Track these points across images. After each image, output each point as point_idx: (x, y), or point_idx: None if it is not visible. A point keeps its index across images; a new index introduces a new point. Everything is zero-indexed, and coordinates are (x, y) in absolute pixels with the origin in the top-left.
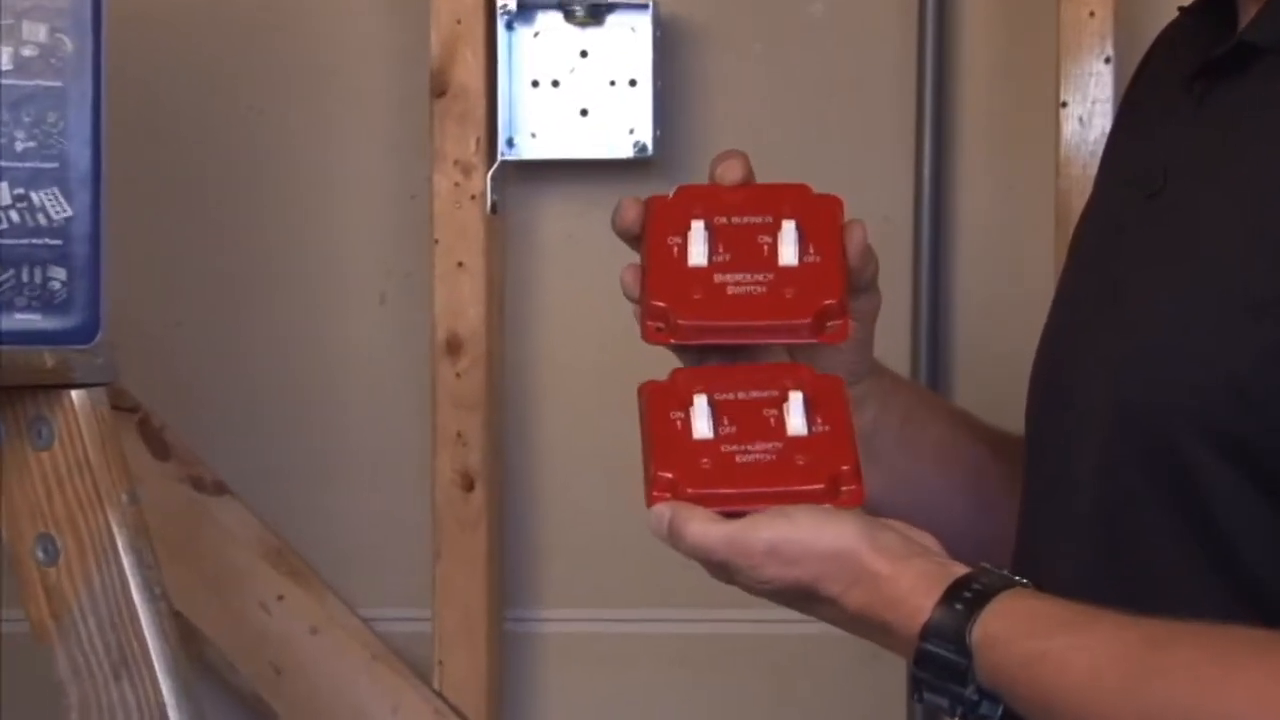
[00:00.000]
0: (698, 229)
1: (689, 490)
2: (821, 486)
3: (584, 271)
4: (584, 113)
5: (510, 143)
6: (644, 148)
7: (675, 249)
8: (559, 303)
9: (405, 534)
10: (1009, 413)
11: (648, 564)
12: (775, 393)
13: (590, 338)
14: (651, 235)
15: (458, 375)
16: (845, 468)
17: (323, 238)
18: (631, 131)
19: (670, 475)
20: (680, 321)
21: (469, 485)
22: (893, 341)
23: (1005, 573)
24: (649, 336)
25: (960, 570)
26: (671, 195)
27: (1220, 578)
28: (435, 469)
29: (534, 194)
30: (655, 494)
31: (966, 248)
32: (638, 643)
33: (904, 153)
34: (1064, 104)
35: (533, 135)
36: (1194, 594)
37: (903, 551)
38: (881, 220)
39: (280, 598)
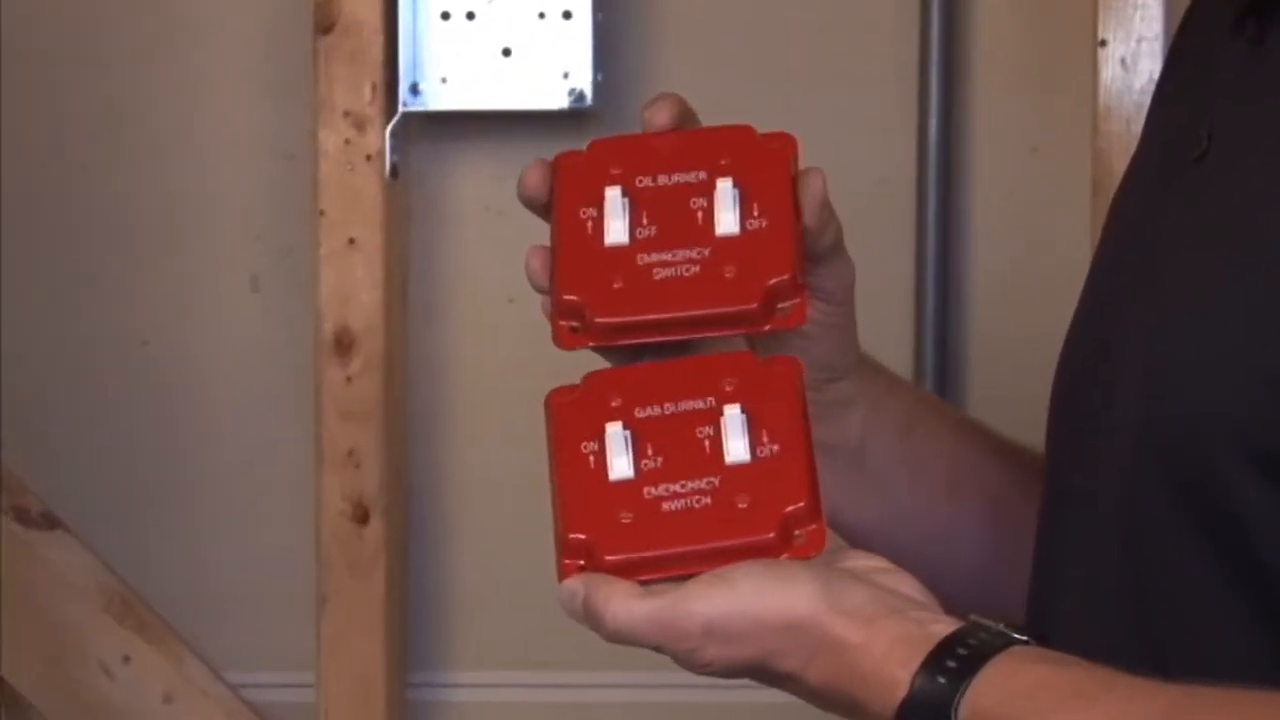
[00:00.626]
0: (613, 197)
1: (607, 558)
2: (771, 535)
3: (506, 251)
4: (506, 52)
5: (414, 90)
6: (581, 96)
7: (589, 224)
8: (475, 289)
9: (283, 578)
10: (1036, 422)
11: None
12: (709, 402)
13: (514, 332)
14: (560, 207)
15: (348, 379)
16: (800, 504)
17: (182, 209)
18: (566, 76)
19: (583, 537)
20: (598, 319)
21: (362, 517)
22: (890, 333)
23: (1001, 627)
24: (561, 340)
25: (945, 628)
26: (585, 151)
27: (1256, 611)
28: (320, 496)
29: (444, 154)
30: (566, 563)
31: (982, 218)
32: (573, 714)
33: (905, 100)
34: (1103, 42)
35: (443, 81)
36: (1227, 631)
37: (873, 610)
38: (878, 182)
39: (126, 659)
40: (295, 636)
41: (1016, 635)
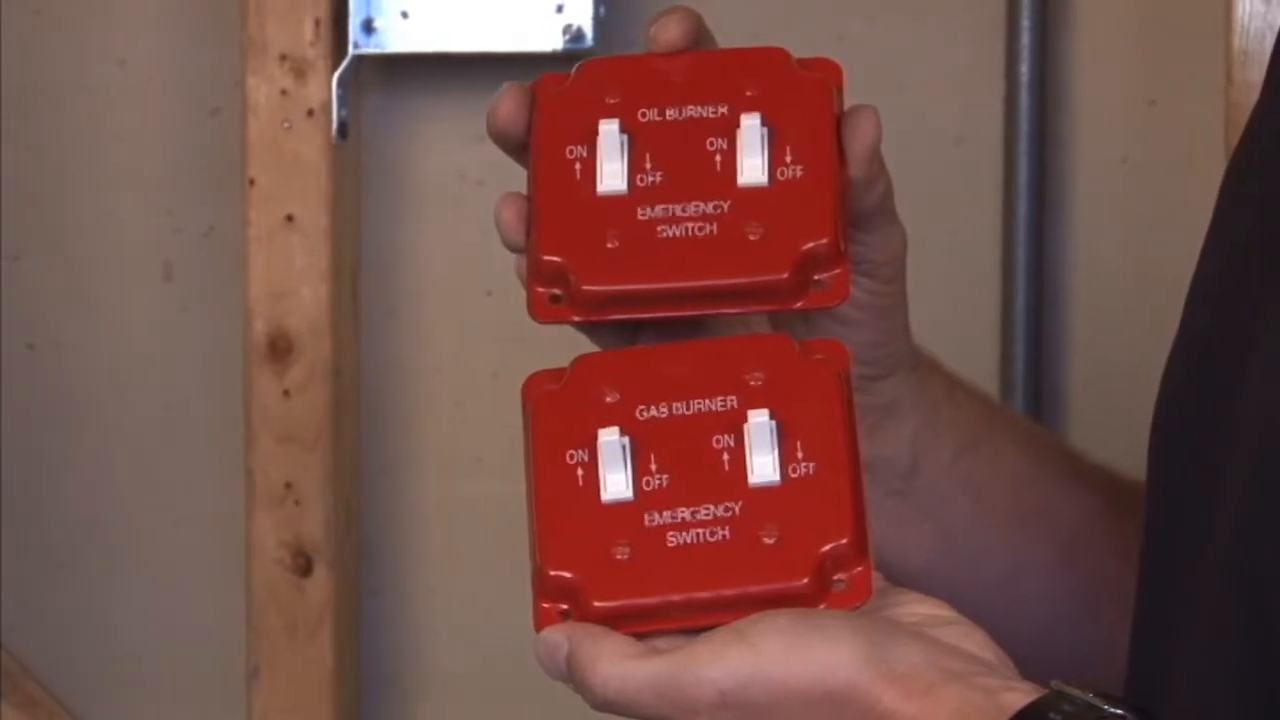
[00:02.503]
0: (609, 133)
1: (596, 604)
2: (805, 581)
3: (484, 231)
4: None
5: (368, 27)
6: (579, 34)
7: (577, 166)
8: (445, 280)
9: (204, 644)
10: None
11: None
12: (730, 401)
13: (493, 334)
14: (540, 144)
15: (286, 393)
16: (842, 541)
17: (75, 178)
18: (560, 9)
19: (569, 575)
20: (586, 287)
21: (304, 567)
22: (969, 334)
23: (1091, 697)
24: (537, 311)
25: (1019, 698)
26: (572, 75)
27: None
28: (251, 540)
29: (406, 108)
30: (544, 608)
31: (1086, 188)
32: None
33: (989, 38)
34: None
35: (403, 15)
36: None
37: (930, 675)
38: (953, 143)
39: None
40: (221, 715)
41: (1111, 709)
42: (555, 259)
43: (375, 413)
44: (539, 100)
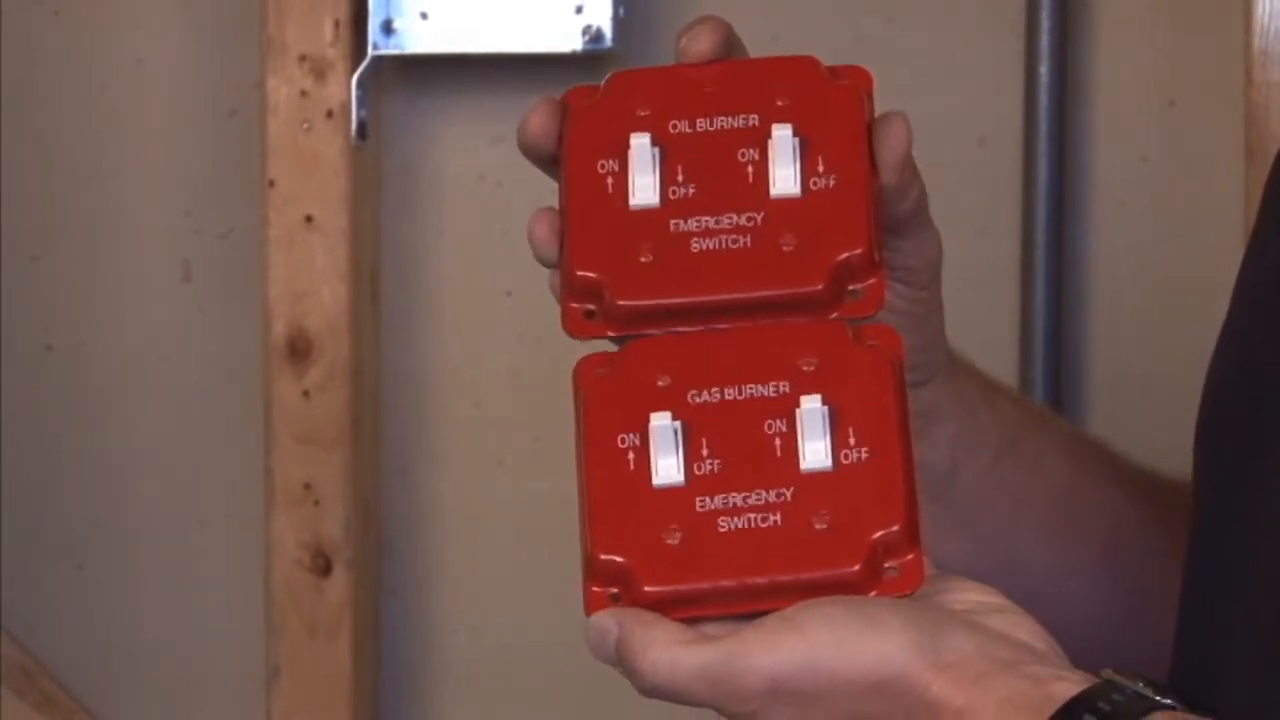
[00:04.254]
0: (640, 146)
1: (647, 588)
2: (856, 568)
3: (504, 232)
4: None
5: (388, 28)
6: (599, 35)
7: (609, 180)
8: (465, 281)
9: (225, 644)
10: (1174, 447)
11: (606, 694)
12: (782, 387)
13: (513, 334)
14: (571, 158)
15: (305, 394)
16: (894, 528)
17: (94, 178)
18: (579, 10)
19: (619, 560)
20: (621, 302)
21: (324, 567)
22: (989, 334)
23: (1140, 686)
24: (572, 326)
25: (1070, 687)
26: (602, 88)
27: None
28: (271, 541)
29: (426, 109)
30: (594, 591)
31: (1105, 189)
32: None
33: (1009, 39)
34: None
35: (423, 16)
36: None
37: (981, 664)
38: (974, 144)
39: None
40: (240, 716)
41: (1161, 699)
42: (589, 274)
43: (394, 413)
44: (569, 113)
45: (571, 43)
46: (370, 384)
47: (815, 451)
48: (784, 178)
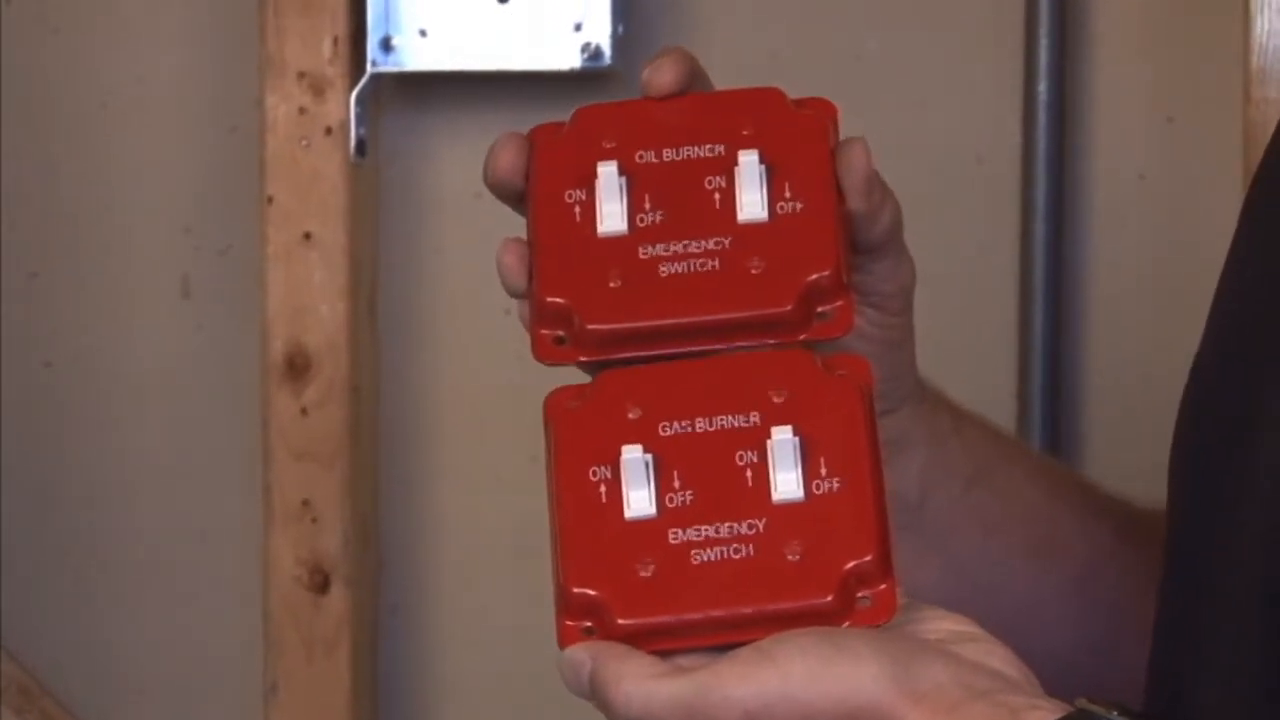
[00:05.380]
0: (608, 175)
1: (620, 621)
2: (829, 598)
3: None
4: None
5: (386, 45)
6: (598, 53)
7: (576, 209)
8: (463, 298)
9: (223, 661)
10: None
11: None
12: (754, 418)
13: (511, 352)
14: (538, 189)
15: (303, 411)
16: (866, 558)
17: (94, 194)
18: (578, 28)
19: (592, 593)
20: (591, 326)
21: (322, 584)
22: (987, 357)
23: (1115, 715)
24: (542, 353)
25: (1046, 715)
26: (568, 123)
27: None
28: (268, 558)
29: (424, 127)
30: (567, 625)
31: (1105, 208)
32: None
33: (1007, 57)
34: None
35: (422, 34)
36: None
37: (955, 693)
38: (972, 163)
39: None
40: None
41: None
42: (558, 300)
43: (393, 430)
44: (536, 148)
45: (570, 60)
46: (368, 401)
47: (787, 482)
48: (751, 203)
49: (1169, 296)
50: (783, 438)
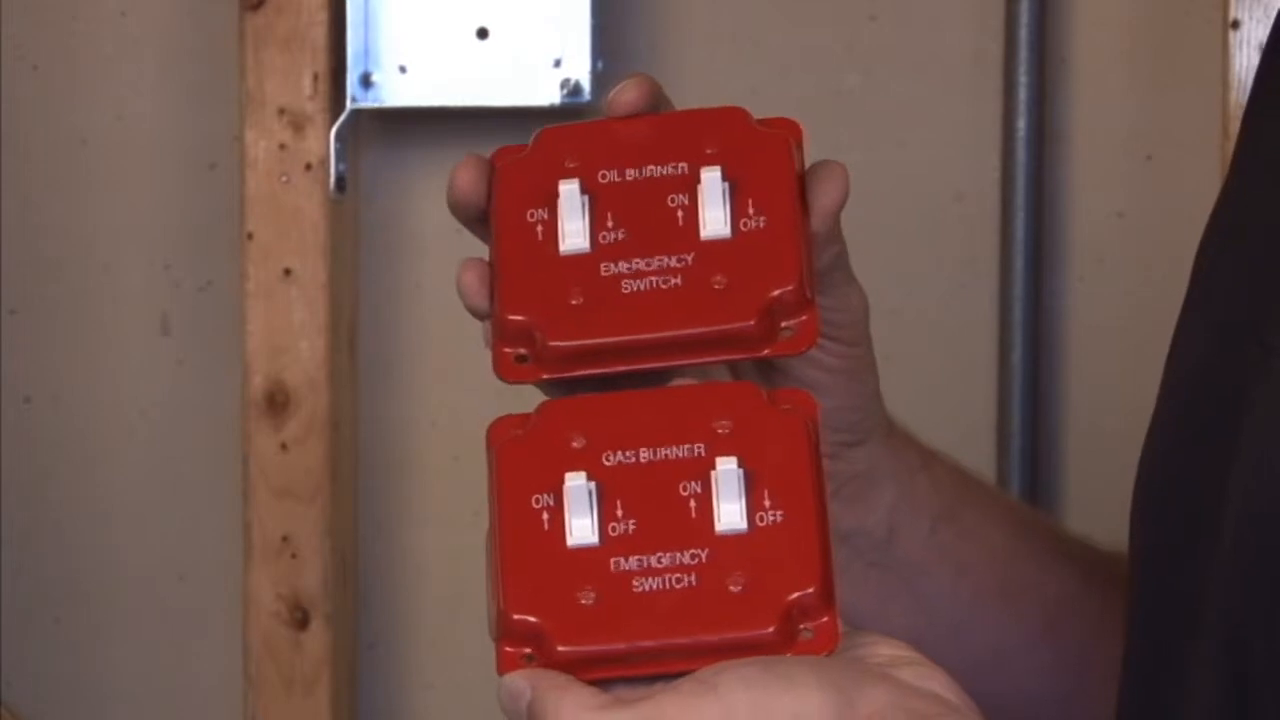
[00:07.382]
0: (569, 193)
1: (560, 648)
2: (771, 630)
3: None
4: (483, 33)
5: (366, 81)
6: (577, 89)
7: (538, 228)
8: (443, 333)
9: (202, 697)
10: None
11: None
12: (698, 449)
13: (493, 388)
14: (500, 209)
15: (283, 446)
16: (808, 590)
17: (74, 231)
18: (558, 64)
19: (533, 619)
20: (552, 343)
21: (302, 621)
22: (966, 394)
23: None
24: (504, 372)
25: None
26: (530, 144)
27: None
28: (248, 594)
29: (404, 162)
30: (507, 651)
31: (1084, 244)
32: None
33: (986, 94)
34: (1235, 23)
35: (401, 70)
36: None
37: (898, 718)
38: (951, 200)
39: None
40: None
41: None
42: (520, 318)
43: (373, 466)
44: (497, 169)
45: (550, 96)
46: (348, 437)
47: (730, 513)
48: (714, 219)
49: (1147, 333)
50: (727, 469)
